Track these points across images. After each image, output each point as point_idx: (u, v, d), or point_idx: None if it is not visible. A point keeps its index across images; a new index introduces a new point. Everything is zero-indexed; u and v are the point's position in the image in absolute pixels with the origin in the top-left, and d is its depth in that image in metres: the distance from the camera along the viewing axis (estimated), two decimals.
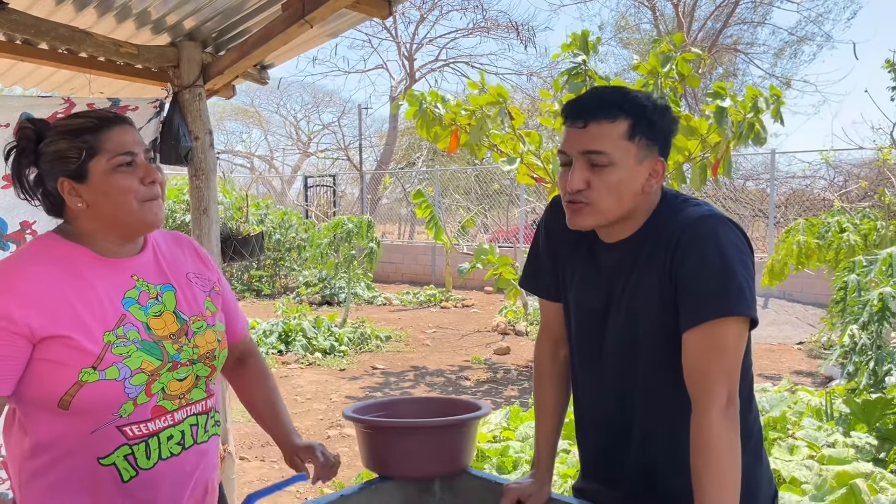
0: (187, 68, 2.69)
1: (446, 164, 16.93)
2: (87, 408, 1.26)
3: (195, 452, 1.40)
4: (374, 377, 6.94)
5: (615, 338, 1.39)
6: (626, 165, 1.30)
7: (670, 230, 1.31)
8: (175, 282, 1.40)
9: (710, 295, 1.24)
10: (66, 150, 1.29)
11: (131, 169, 1.30)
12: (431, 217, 7.90)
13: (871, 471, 3.02)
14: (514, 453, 3.60)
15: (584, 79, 5.47)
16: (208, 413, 1.43)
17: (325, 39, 2.82)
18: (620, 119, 1.29)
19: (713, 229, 1.28)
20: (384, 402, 1.77)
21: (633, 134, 1.29)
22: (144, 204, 1.30)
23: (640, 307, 1.35)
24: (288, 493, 4.08)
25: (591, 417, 1.50)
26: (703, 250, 1.26)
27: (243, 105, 24.57)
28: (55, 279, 1.27)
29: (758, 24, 18.84)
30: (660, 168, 1.33)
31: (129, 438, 1.30)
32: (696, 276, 1.26)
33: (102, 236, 1.33)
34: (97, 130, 1.29)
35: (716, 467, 1.20)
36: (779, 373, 6.81)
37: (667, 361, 1.32)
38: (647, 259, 1.34)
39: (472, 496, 1.60)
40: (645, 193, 1.33)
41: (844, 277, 4.09)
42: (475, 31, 21.11)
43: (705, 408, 1.23)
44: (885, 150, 7.79)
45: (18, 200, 2.44)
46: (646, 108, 1.31)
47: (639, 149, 1.30)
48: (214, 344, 1.41)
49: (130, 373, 1.28)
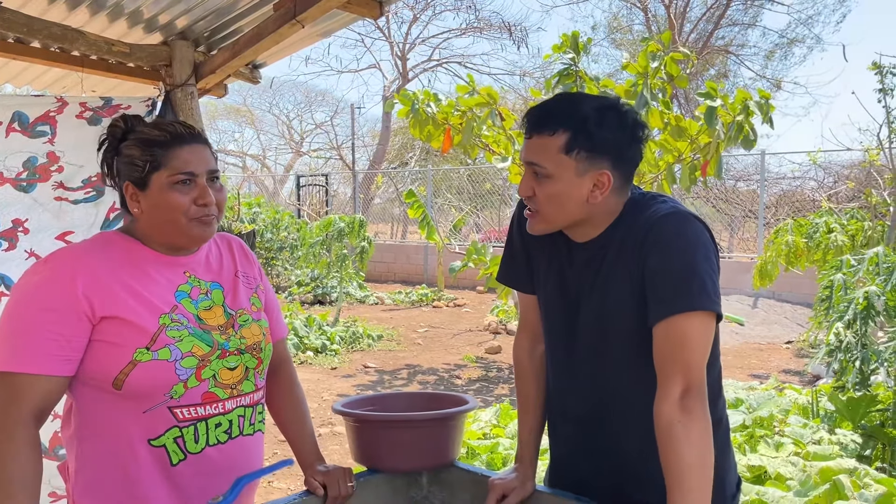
0: (179, 67, 2.70)
1: (439, 163, 16.96)
2: (139, 387, 1.33)
3: (240, 445, 1.45)
4: (365, 376, 6.96)
5: (586, 334, 1.42)
6: (565, 178, 1.33)
7: (636, 229, 1.34)
8: (224, 280, 1.49)
9: (673, 291, 1.28)
10: (136, 157, 1.37)
11: (188, 188, 1.37)
12: (424, 217, 7.92)
13: (855, 467, 3.06)
14: (503, 450, 3.63)
15: (574, 79, 5.50)
16: (255, 406, 1.48)
17: (317, 39, 2.84)
18: (559, 133, 1.32)
19: (677, 226, 1.31)
20: (373, 397, 1.80)
21: (571, 148, 1.32)
22: (192, 221, 1.38)
23: (609, 304, 1.38)
24: (280, 491, 4.10)
25: (562, 411, 1.52)
26: (667, 247, 1.30)
27: (235, 104, 24.53)
28: (115, 265, 1.36)
29: (749, 26, 18.95)
30: (605, 180, 1.34)
31: (179, 420, 1.37)
32: (660, 272, 1.29)
33: (155, 240, 1.41)
34: (167, 146, 1.36)
35: (675, 456, 1.22)
36: (767, 372, 6.86)
37: (637, 356, 1.34)
38: (615, 258, 1.37)
39: (460, 489, 1.62)
40: (591, 204, 1.35)
41: (831, 276, 4.14)
42: (468, 32, 21.14)
43: (660, 399, 1.26)
44: (871, 152, 7.86)
45: (11, 199, 2.47)
46: (586, 122, 1.32)
47: (577, 162, 1.32)
48: (260, 336, 1.48)
49: (182, 355, 1.35)
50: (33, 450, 1.29)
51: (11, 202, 2.42)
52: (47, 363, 1.30)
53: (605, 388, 1.42)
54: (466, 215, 11.52)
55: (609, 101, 1.38)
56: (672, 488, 1.22)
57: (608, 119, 1.33)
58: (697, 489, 1.21)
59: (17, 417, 1.28)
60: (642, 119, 1.40)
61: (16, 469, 1.25)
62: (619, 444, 1.42)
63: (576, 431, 1.50)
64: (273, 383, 1.64)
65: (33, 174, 2.44)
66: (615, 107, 1.36)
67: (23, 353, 1.30)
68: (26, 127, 2.43)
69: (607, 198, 1.36)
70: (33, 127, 2.44)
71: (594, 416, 1.45)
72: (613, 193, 1.37)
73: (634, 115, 1.38)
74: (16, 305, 1.33)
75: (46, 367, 1.30)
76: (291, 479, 4.26)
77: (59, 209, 2.48)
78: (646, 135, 1.39)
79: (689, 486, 1.21)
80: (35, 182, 2.44)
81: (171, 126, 1.40)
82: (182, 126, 1.41)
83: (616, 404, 1.42)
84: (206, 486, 1.40)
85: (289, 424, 1.62)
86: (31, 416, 1.29)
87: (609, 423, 1.43)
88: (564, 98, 1.41)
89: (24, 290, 1.34)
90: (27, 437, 1.28)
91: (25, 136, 2.43)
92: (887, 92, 6.40)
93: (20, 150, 2.42)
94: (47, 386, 1.31)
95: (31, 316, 1.31)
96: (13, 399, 1.29)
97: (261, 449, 1.54)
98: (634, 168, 1.40)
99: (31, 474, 1.27)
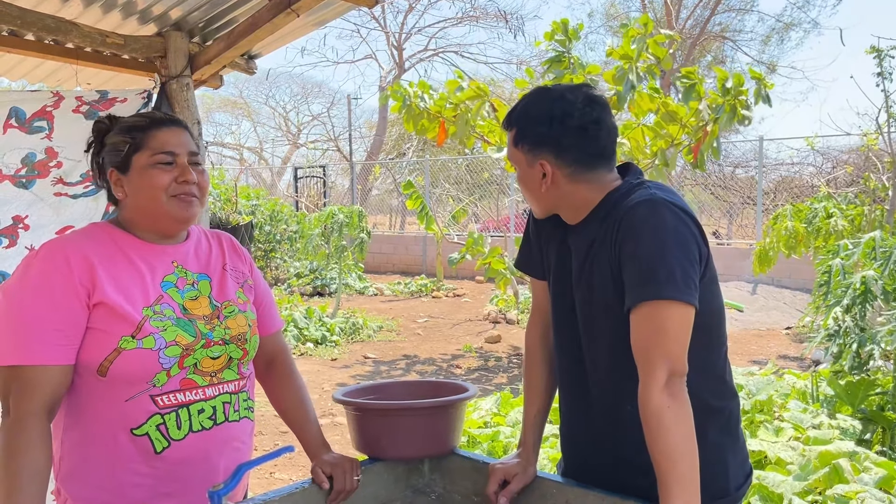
0: (174, 58, 2.69)
1: (436, 154, 16.93)
2: (123, 375, 1.34)
3: (226, 430, 1.45)
4: (365, 366, 6.97)
5: (583, 316, 1.45)
6: (521, 168, 1.47)
7: (616, 215, 1.37)
8: (211, 272, 1.51)
9: (641, 277, 1.29)
10: (118, 143, 1.42)
11: (169, 168, 1.40)
12: (422, 207, 7.92)
13: (854, 450, 3.08)
14: (504, 439, 3.64)
15: (567, 65, 5.48)
16: (239, 394, 1.49)
17: (312, 29, 2.83)
18: (512, 129, 1.48)
19: (650, 213, 1.31)
20: (374, 385, 1.80)
21: (517, 141, 1.46)
22: (173, 199, 1.40)
23: (595, 286, 1.41)
24: (282, 482, 4.11)
25: (573, 399, 1.54)
26: (637, 234, 1.31)
27: (232, 97, 24.47)
28: (102, 254, 1.38)
29: (745, 11, 18.90)
30: (548, 168, 1.42)
31: (160, 408, 1.37)
32: (631, 258, 1.31)
33: (143, 226, 1.43)
34: (147, 128, 1.41)
35: (664, 442, 1.23)
36: (766, 357, 6.88)
37: (623, 338, 1.35)
38: (599, 245, 1.40)
39: (460, 476, 1.63)
40: (547, 191, 1.44)
41: (829, 261, 4.14)
42: (464, 21, 21.07)
43: (646, 385, 1.27)
44: (870, 136, 7.84)
45: (10, 196, 2.47)
46: (525, 117, 1.45)
47: (524, 154, 1.45)
48: (245, 328, 1.49)
49: (166, 344, 1.36)
50: (44, 442, 1.29)
51: (11, 199, 2.42)
52: (55, 353, 1.31)
53: (599, 370, 1.44)
54: (466, 206, 11.50)
55: (550, 94, 1.44)
56: (664, 472, 1.23)
57: (533, 113, 1.44)
58: (689, 471, 1.23)
59: (29, 409, 1.29)
60: (592, 109, 1.41)
61: (27, 461, 1.26)
62: (614, 429, 1.44)
63: (576, 415, 1.52)
64: (271, 374, 1.64)
65: (32, 170, 2.43)
66: (551, 99, 1.42)
67: (30, 345, 1.30)
68: (23, 123, 2.42)
69: (566, 185, 1.43)
70: (30, 123, 2.43)
71: (591, 400, 1.46)
72: (571, 181, 1.43)
73: (573, 107, 1.40)
74: (17, 297, 1.33)
75: (54, 356, 1.31)
76: (294, 470, 4.28)
77: (59, 204, 2.48)
78: (596, 119, 1.40)
79: (681, 469, 1.22)
80: (34, 178, 2.44)
81: (151, 113, 1.47)
82: (162, 114, 1.47)
83: (609, 387, 1.43)
84: (194, 472, 1.41)
85: (291, 413, 1.62)
86: (42, 408, 1.30)
87: (603, 407, 1.45)
88: (527, 95, 1.51)
89: (24, 282, 1.34)
90: (39, 430, 1.29)
91: (23, 132, 2.42)
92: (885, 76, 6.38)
93: (18, 146, 2.41)
94: (57, 376, 1.32)
95: (35, 307, 1.31)
96: (24, 392, 1.29)
97: (249, 436, 1.53)
98: (590, 155, 1.41)
99: (42, 467, 1.28)
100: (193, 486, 1.40)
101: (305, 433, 1.59)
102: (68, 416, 1.40)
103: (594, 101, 1.42)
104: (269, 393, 1.65)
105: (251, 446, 1.56)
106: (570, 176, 1.43)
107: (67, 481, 1.40)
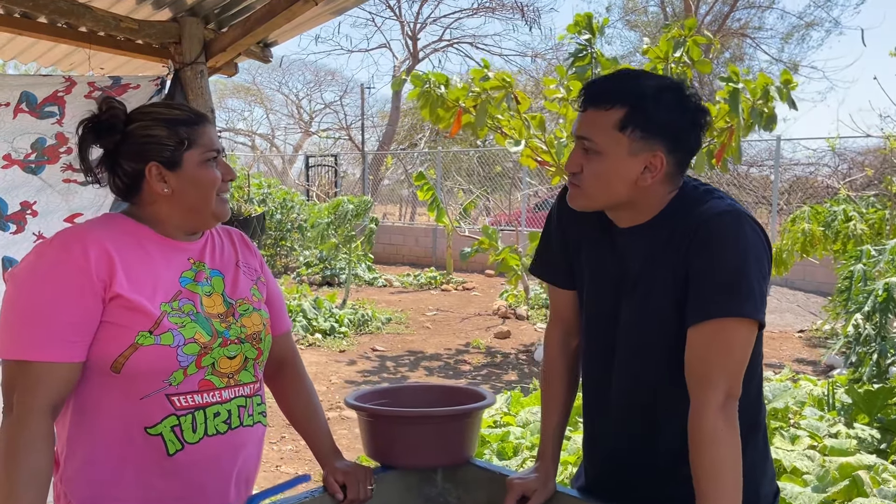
0: (189, 45, 2.63)
1: (448, 145, 16.84)
2: (139, 372, 1.29)
3: (240, 436, 1.41)
4: (374, 360, 6.93)
5: (628, 324, 1.36)
6: (615, 156, 1.28)
7: (689, 221, 1.28)
8: (225, 269, 1.47)
9: (718, 293, 1.23)
10: (164, 137, 1.36)
11: (215, 165, 1.40)
12: (433, 199, 7.85)
13: (874, 462, 3.01)
14: (514, 439, 3.59)
15: (590, 61, 5.39)
16: (253, 397, 1.44)
17: (330, 17, 2.77)
18: (616, 108, 1.27)
19: (733, 226, 1.25)
20: (386, 389, 1.75)
21: (625, 125, 1.27)
22: (219, 197, 1.40)
23: (653, 295, 1.32)
24: (287, 475, 4.08)
25: (601, 407, 1.46)
26: (720, 247, 1.24)
27: (245, 83, 24.43)
28: (121, 245, 1.32)
29: (766, 8, 18.66)
30: (657, 163, 1.28)
31: (176, 409, 1.32)
32: (708, 271, 1.24)
33: (172, 222, 1.39)
34: (193, 124, 1.38)
35: (711, 463, 1.21)
36: (780, 360, 6.80)
37: (675, 355, 1.29)
38: (663, 248, 1.31)
39: (475, 486, 1.58)
40: (640, 187, 1.30)
41: (851, 266, 4.05)
42: (480, 12, 20.90)
43: (703, 404, 1.22)
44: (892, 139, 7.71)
45: (19, 181, 2.42)
46: (644, 99, 1.27)
47: (631, 141, 1.27)
48: (260, 326, 1.45)
49: (184, 341, 1.32)
50: (46, 442, 1.24)
51: (20, 184, 2.37)
52: (65, 350, 1.26)
53: (642, 382, 1.37)
54: (477, 199, 11.43)
55: (672, 82, 1.33)
56: (706, 491, 1.20)
57: (667, 99, 1.28)
58: (733, 491, 1.20)
59: (33, 407, 1.23)
60: (705, 105, 1.34)
61: (28, 462, 1.20)
62: (653, 443, 1.38)
63: (611, 426, 1.45)
64: (281, 379, 1.59)
65: (42, 156, 2.39)
66: (677, 88, 1.31)
67: (39, 340, 1.25)
68: (34, 108, 2.37)
69: (657, 184, 1.30)
70: (41, 107, 2.38)
71: (635, 412, 1.40)
72: (665, 180, 1.31)
73: (698, 100, 1.31)
74: (27, 287, 1.27)
75: (64, 353, 1.26)
76: (300, 464, 4.25)
77: (68, 191, 2.44)
78: (707, 122, 1.33)
79: (725, 488, 1.20)
80: (44, 164, 2.39)
81: (185, 106, 1.44)
82: (194, 109, 1.44)
83: (650, 400, 1.37)
84: (205, 477, 1.36)
85: (302, 420, 1.57)
86: (47, 407, 1.25)
87: (644, 420, 1.39)
88: (625, 74, 1.37)
89: (36, 272, 1.28)
90: (42, 429, 1.24)
91: (34, 116, 2.37)
92: None
93: (28, 131, 2.36)
94: (65, 374, 1.26)
95: (48, 300, 1.25)
96: (29, 388, 1.24)
97: (260, 441, 1.49)
98: (691, 156, 1.34)
99: (43, 468, 1.23)
100: (204, 492, 1.35)
101: (316, 440, 1.55)
102: (75, 413, 1.33)
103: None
104: (279, 397, 1.60)
105: (261, 451, 1.51)
106: (668, 174, 1.30)
107: (71, 482, 1.34)
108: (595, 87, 1.32)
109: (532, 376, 6.14)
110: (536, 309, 9.04)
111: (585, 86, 1.35)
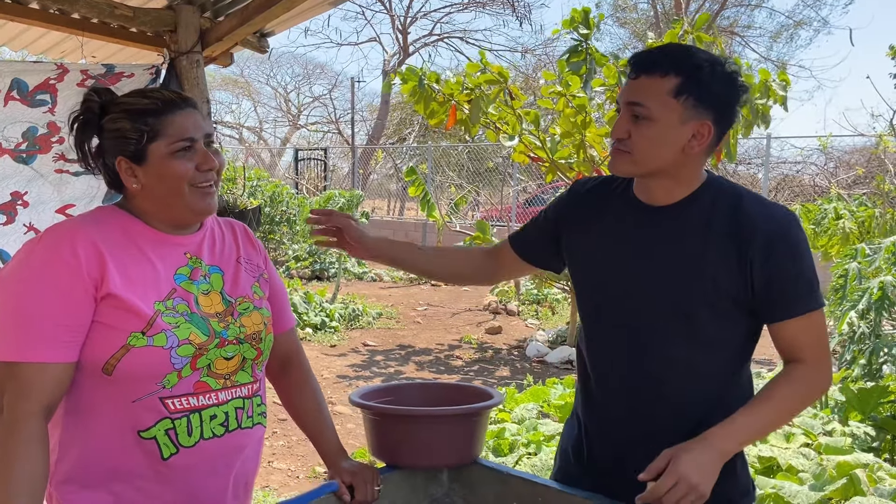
0: (185, 33, 2.58)
1: (438, 140, 16.79)
2: (131, 374, 1.24)
3: (239, 438, 1.36)
4: (365, 354, 6.90)
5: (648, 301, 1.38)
6: (667, 122, 1.32)
7: (747, 219, 1.34)
8: (224, 265, 1.41)
9: (806, 292, 1.35)
10: (128, 130, 1.28)
11: (189, 154, 1.29)
12: (424, 195, 7.81)
13: (871, 461, 3.01)
14: (510, 436, 3.57)
15: (584, 57, 5.37)
16: (252, 398, 1.40)
17: (328, 7, 2.72)
18: (670, 76, 1.31)
19: (798, 230, 1.36)
20: (390, 387, 1.71)
21: (680, 92, 1.31)
22: (195, 189, 1.30)
23: (685, 277, 1.35)
24: (280, 471, 4.04)
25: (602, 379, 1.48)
26: (795, 252, 1.34)
27: (233, 75, 24.25)
28: (112, 242, 1.27)
29: (755, 7, 18.74)
30: (705, 131, 1.33)
31: (170, 412, 1.27)
32: (796, 274, 1.34)
33: (156, 217, 1.33)
34: (161, 114, 1.28)
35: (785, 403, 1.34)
36: (770, 358, 6.82)
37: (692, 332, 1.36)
38: (701, 233, 1.36)
39: (481, 486, 1.55)
40: (686, 154, 1.34)
41: (845, 265, 4.06)
42: (470, 6, 20.84)
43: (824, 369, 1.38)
44: (885, 138, 7.76)
45: (9, 171, 2.36)
46: (700, 69, 1.31)
47: (684, 108, 1.31)
48: (261, 326, 1.39)
49: (178, 342, 1.26)
50: (40, 446, 1.19)
51: (10, 174, 2.32)
52: (57, 350, 1.21)
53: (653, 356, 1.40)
54: (468, 194, 11.39)
55: (721, 58, 1.38)
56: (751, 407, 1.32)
57: (720, 72, 1.33)
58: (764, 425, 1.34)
59: (27, 410, 1.19)
60: (747, 85, 1.41)
61: (22, 467, 1.16)
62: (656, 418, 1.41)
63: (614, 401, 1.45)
64: (287, 377, 1.55)
65: (33, 145, 2.33)
66: (726, 64, 1.36)
67: (31, 341, 1.20)
68: (25, 95, 2.31)
69: (699, 155, 1.36)
70: (33, 95, 2.32)
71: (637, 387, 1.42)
72: (706, 152, 1.37)
73: (741, 78, 1.38)
74: (16, 287, 1.22)
75: (56, 354, 1.21)
76: (293, 459, 4.20)
77: (60, 181, 2.38)
78: (745, 100, 1.39)
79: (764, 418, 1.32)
80: (35, 153, 2.34)
81: (158, 93, 1.32)
82: (169, 92, 1.33)
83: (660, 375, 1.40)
84: (202, 482, 1.32)
85: (308, 420, 1.53)
86: (40, 409, 1.20)
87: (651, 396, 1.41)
88: (677, 46, 1.42)
89: (25, 271, 1.23)
90: (35, 432, 1.19)
91: (25, 104, 2.31)
92: None
93: (20, 119, 2.31)
94: (57, 374, 1.21)
95: (38, 299, 1.20)
96: (21, 391, 1.19)
97: (259, 443, 1.45)
98: (727, 130, 1.40)
99: (37, 473, 1.18)
100: (200, 496, 1.31)
101: (323, 440, 1.51)
102: (67, 415, 1.29)
103: None
104: (284, 396, 1.55)
105: (261, 452, 1.48)
106: (710, 146, 1.36)
107: (63, 486, 1.29)
108: (648, 55, 1.36)
109: (524, 372, 6.12)
110: (527, 305, 9.03)
111: (636, 55, 1.38)
